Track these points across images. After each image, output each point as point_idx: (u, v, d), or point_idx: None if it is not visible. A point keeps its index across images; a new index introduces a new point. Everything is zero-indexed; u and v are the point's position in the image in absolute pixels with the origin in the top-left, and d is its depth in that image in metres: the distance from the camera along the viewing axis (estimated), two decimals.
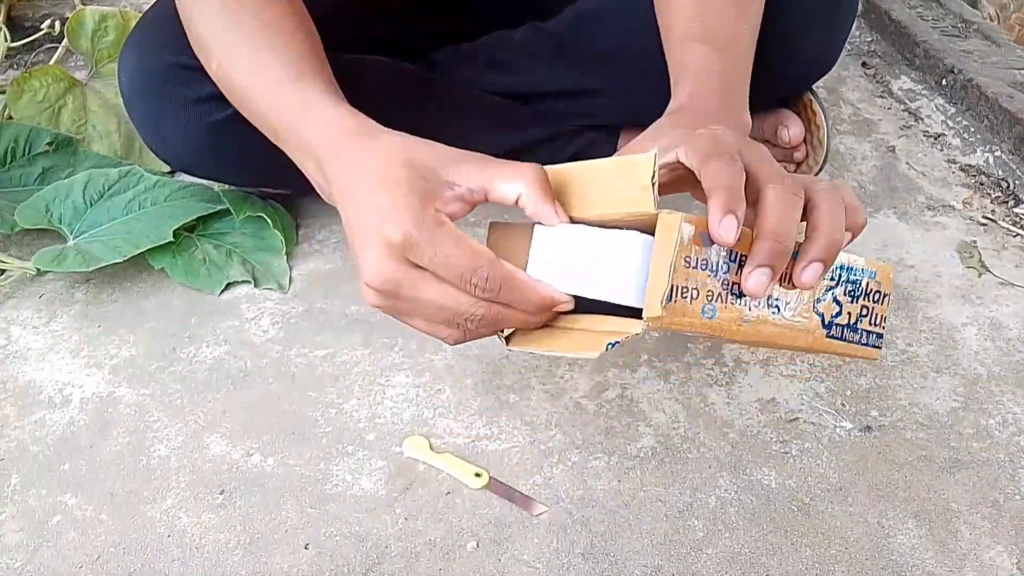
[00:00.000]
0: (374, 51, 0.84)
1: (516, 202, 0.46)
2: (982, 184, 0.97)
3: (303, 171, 0.54)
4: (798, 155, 0.83)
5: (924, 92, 1.12)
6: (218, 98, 0.70)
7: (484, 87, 0.87)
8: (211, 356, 0.71)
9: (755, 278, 0.41)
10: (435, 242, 0.43)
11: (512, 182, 0.46)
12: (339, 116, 0.51)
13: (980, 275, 0.83)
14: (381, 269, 0.44)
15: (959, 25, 1.22)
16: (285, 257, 0.79)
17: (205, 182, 0.84)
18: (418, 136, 0.49)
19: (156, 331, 0.73)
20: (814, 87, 0.84)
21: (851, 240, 0.45)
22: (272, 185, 0.83)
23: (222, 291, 0.77)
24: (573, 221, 0.47)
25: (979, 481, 0.62)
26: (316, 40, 0.59)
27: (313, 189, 0.54)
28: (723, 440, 0.64)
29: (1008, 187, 0.96)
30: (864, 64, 1.20)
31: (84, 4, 1.17)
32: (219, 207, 0.82)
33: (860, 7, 1.27)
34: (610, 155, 0.49)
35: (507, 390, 0.67)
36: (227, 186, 0.84)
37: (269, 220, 0.80)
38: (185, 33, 0.64)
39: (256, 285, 0.77)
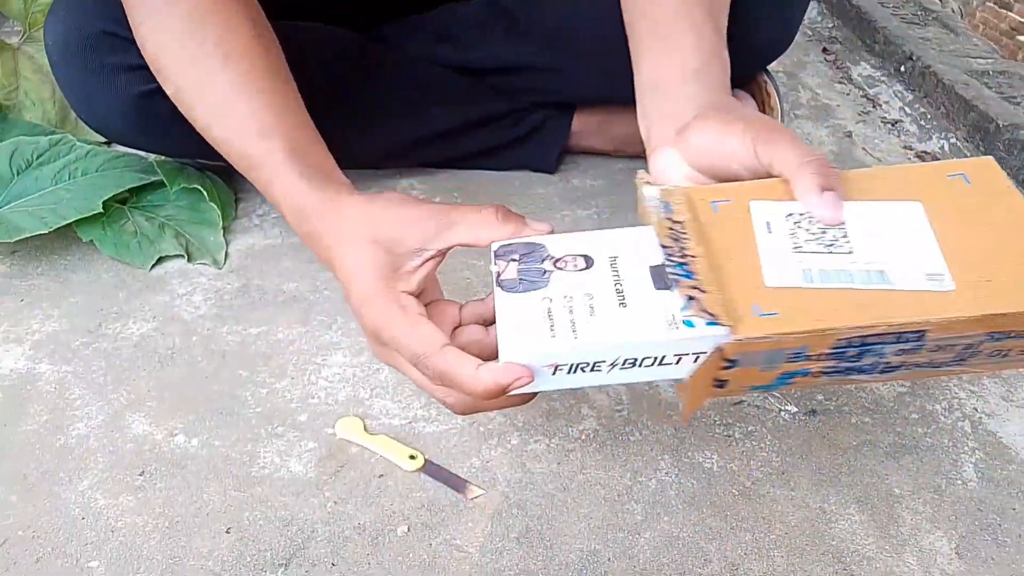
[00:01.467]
0: (323, 22, 0.82)
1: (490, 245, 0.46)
2: None
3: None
4: None
5: (883, 79, 1.12)
6: (146, 68, 0.66)
7: (436, 61, 0.84)
8: (138, 333, 0.67)
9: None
10: (395, 330, 0.44)
11: (478, 230, 0.45)
12: (301, 192, 0.50)
13: None
14: (369, 343, 0.48)
15: (919, 13, 1.22)
16: (222, 231, 0.76)
17: (140, 152, 0.81)
18: (367, 108, 0.48)
19: (82, 306, 0.70)
20: (770, 68, 0.83)
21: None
22: (208, 157, 0.80)
23: (153, 265, 0.73)
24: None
25: (922, 466, 0.62)
26: (281, 69, 0.56)
27: None
28: (666, 423, 0.62)
29: None
30: (825, 50, 1.20)
31: None
32: (153, 178, 0.78)
33: None
34: (564, 134, 0.47)
35: None
36: (162, 157, 0.80)
37: (205, 192, 0.77)
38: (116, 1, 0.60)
39: (190, 260, 0.74)
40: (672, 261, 0.44)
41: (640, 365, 0.43)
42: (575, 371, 0.43)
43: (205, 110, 0.55)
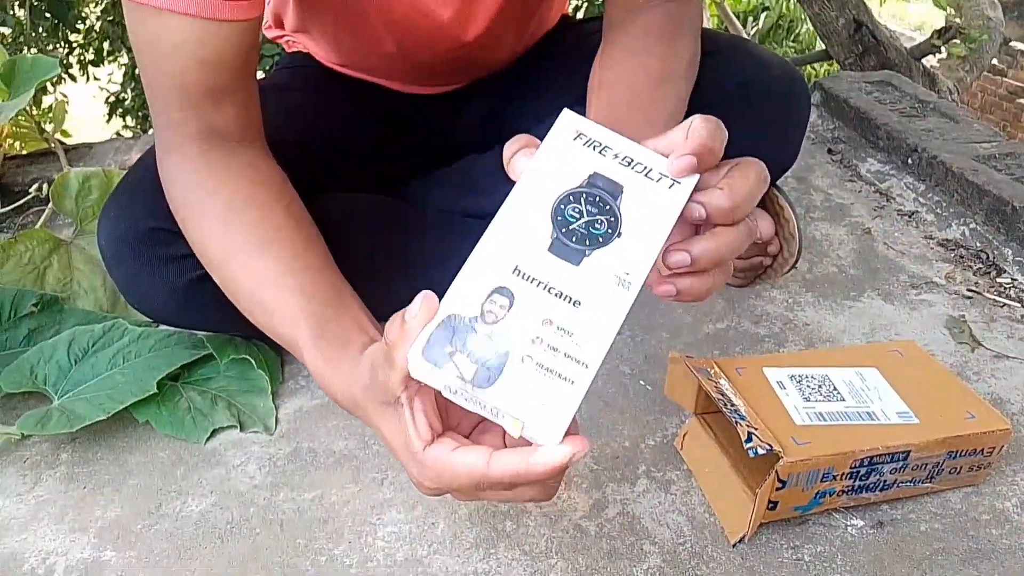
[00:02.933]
0: (352, 186, 0.87)
1: None
2: (962, 257, 0.97)
3: None
4: (771, 249, 0.84)
5: (892, 172, 1.15)
6: (191, 256, 0.71)
7: (463, 212, 0.88)
8: (197, 510, 0.69)
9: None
10: (443, 478, 0.45)
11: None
12: (322, 373, 0.53)
13: (973, 350, 0.83)
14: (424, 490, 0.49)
15: (916, 105, 1.26)
16: (271, 397, 0.79)
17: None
18: (406, 265, 0.51)
19: (141, 488, 0.72)
20: (779, 183, 0.86)
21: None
22: (253, 334, 0.83)
23: (208, 439, 0.75)
24: None
25: (1003, 571, 0.59)
26: (312, 245, 0.61)
27: None
28: (732, 551, 0.61)
29: (988, 258, 0.97)
30: (830, 151, 1.23)
31: (71, 166, 1.21)
32: (203, 352, 0.82)
33: (818, 98, 1.32)
34: None
35: (503, 517, 0.65)
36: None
37: (253, 361, 0.79)
38: (161, 198, 0.66)
39: (242, 429, 0.76)
40: (727, 408, 0.60)
41: None
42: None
43: (244, 298, 0.60)
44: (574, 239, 0.41)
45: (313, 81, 0.91)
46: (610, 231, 0.41)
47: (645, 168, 0.43)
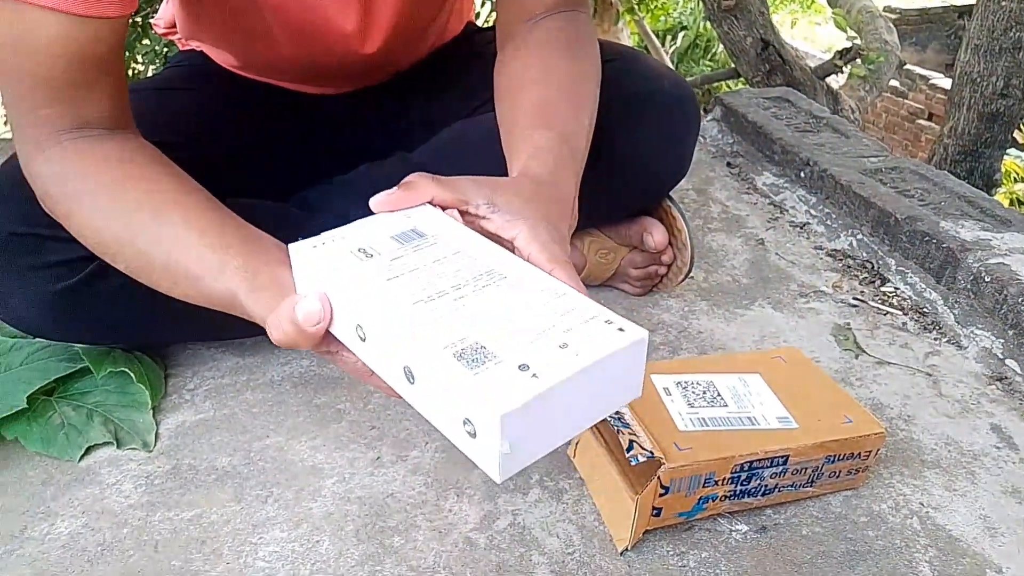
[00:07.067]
0: (245, 191, 0.84)
1: None
2: (849, 267, 1.01)
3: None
4: (665, 258, 0.85)
5: (786, 185, 1.19)
6: (65, 264, 0.67)
7: (356, 219, 0.87)
8: (66, 532, 0.64)
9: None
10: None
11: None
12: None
13: (857, 356, 0.86)
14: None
15: (810, 121, 1.31)
16: (151, 412, 0.75)
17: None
18: None
19: (4, 510, 0.67)
20: (675, 195, 0.88)
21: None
22: (131, 343, 0.79)
23: (82, 456, 0.71)
24: None
25: (879, 572, 0.61)
26: (215, 213, 0.58)
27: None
28: (619, 560, 0.61)
29: (873, 267, 1.01)
30: (729, 164, 1.27)
31: None
32: (79, 366, 0.77)
33: (718, 112, 1.35)
34: None
35: (391, 532, 0.63)
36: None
37: (133, 374, 0.75)
38: (26, 201, 0.62)
39: (119, 446, 0.72)
40: (611, 416, 0.60)
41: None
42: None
43: (159, 271, 0.56)
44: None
45: (204, 81, 0.88)
46: None
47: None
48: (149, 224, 0.56)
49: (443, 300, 0.41)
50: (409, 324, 0.39)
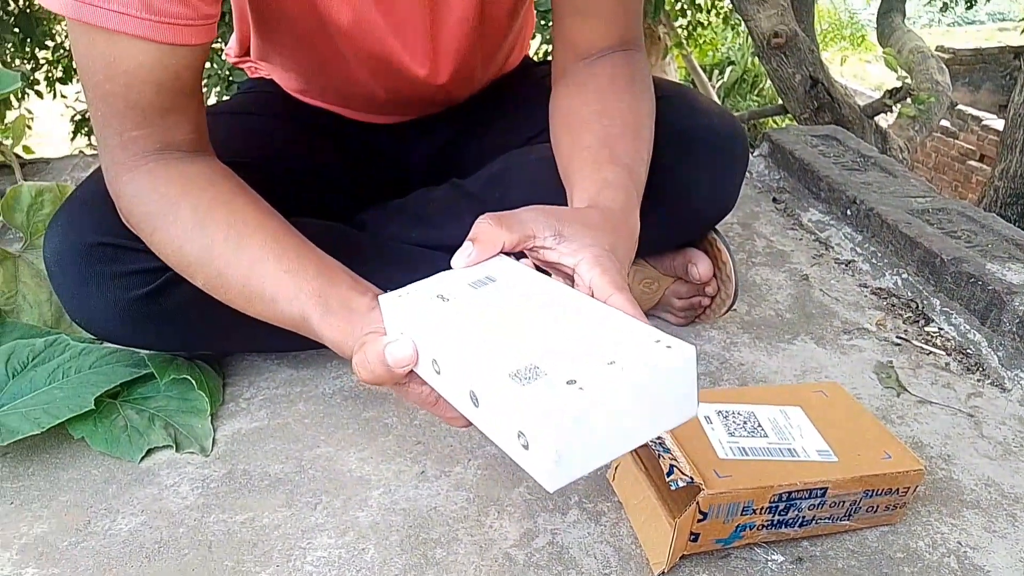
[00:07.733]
0: (306, 212, 0.88)
1: None
2: (893, 306, 1.02)
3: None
4: (709, 290, 0.87)
5: (832, 222, 1.19)
6: (142, 272, 0.72)
7: (410, 242, 0.90)
8: (126, 528, 0.68)
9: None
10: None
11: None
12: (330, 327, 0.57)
13: (899, 394, 0.86)
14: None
15: (858, 160, 1.32)
16: (209, 419, 0.78)
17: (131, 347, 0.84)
18: None
19: (71, 504, 0.71)
20: (721, 229, 0.89)
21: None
22: (195, 351, 0.84)
23: (142, 458, 0.75)
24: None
25: None
26: (291, 239, 0.62)
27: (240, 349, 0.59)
28: None
29: (918, 307, 1.01)
30: (775, 200, 1.28)
31: (25, 180, 1.21)
32: (144, 371, 0.81)
33: (766, 148, 1.37)
34: None
35: (434, 544, 0.65)
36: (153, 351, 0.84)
37: (194, 382, 0.79)
38: (109, 213, 0.66)
39: (178, 449, 0.76)
40: (653, 442, 0.61)
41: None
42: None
43: (236, 291, 0.61)
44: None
45: (272, 106, 0.93)
46: None
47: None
48: (230, 247, 0.61)
49: (507, 332, 0.44)
50: (475, 355, 0.43)
